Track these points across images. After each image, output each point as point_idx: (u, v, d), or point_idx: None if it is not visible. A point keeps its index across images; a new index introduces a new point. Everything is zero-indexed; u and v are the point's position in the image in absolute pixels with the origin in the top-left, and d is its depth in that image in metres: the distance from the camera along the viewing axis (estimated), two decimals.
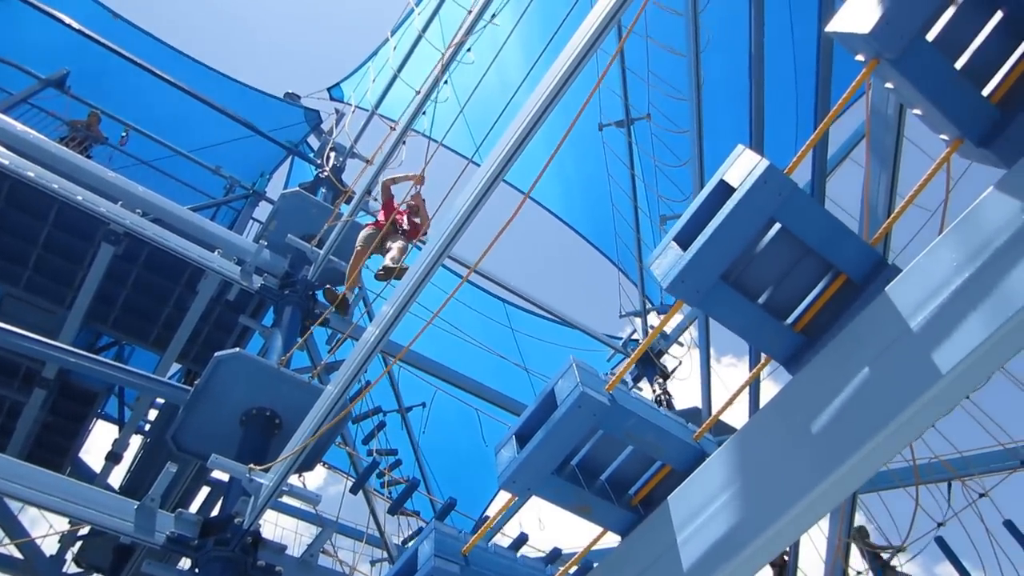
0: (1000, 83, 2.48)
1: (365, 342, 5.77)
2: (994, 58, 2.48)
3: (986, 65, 2.48)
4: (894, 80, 2.44)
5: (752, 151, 2.55)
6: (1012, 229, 2.10)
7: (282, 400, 7.33)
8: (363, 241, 8.55)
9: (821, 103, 6.21)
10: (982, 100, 2.45)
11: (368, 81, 13.66)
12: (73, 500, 5.83)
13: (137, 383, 7.78)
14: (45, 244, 9.12)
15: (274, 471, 6.02)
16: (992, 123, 2.45)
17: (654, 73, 12.24)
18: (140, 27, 13.60)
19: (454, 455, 13.79)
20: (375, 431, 9.81)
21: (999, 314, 1.98)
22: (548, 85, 4.84)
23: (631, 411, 2.75)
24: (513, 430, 2.93)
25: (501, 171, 5.05)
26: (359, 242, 8.57)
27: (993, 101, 2.47)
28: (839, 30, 2.46)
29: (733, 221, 2.46)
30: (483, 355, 13.14)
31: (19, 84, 11.20)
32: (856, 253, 2.61)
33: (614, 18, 4.82)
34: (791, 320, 2.72)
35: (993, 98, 2.47)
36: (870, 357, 2.22)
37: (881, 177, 5.53)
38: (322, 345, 10.40)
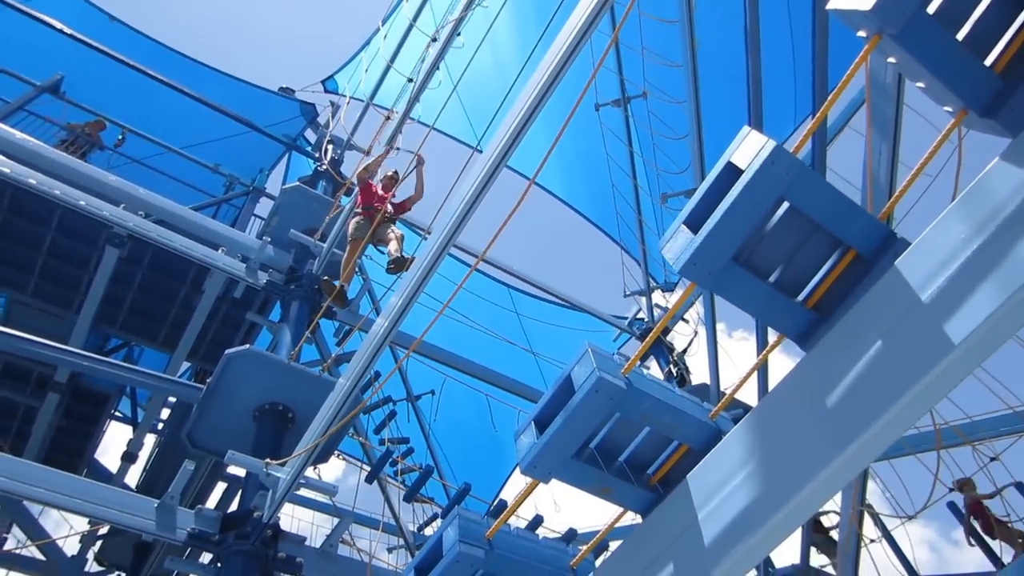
0: (1002, 53, 2.49)
1: (375, 334, 5.81)
2: (995, 28, 2.49)
3: (987, 35, 2.49)
4: (896, 55, 2.46)
5: (758, 133, 2.56)
6: (1019, 198, 2.12)
7: (294, 394, 7.38)
8: (355, 232, 8.48)
9: (819, 72, 6.19)
10: (985, 70, 2.46)
11: (361, 71, 13.63)
12: (93, 501, 5.90)
13: (149, 383, 7.86)
14: (50, 250, 9.16)
15: (290, 465, 6.08)
16: (996, 93, 2.47)
17: (649, 48, 12.16)
18: (136, 28, 13.55)
19: (465, 440, 13.89)
20: (386, 420, 9.87)
21: (1009, 284, 2.01)
22: (545, 70, 4.84)
23: (647, 393, 2.79)
24: (532, 416, 2.98)
25: (503, 159, 5.06)
26: (350, 234, 8.51)
27: (996, 71, 2.48)
28: (840, 7, 2.47)
29: (742, 202, 2.49)
30: (490, 340, 13.19)
31: (14, 91, 11.17)
32: (865, 228, 2.64)
33: (607, 2, 4.82)
34: (802, 297, 2.75)
35: (996, 68, 2.48)
36: (883, 331, 2.25)
37: (882, 147, 5.52)
38: (330, 338, 10.44)
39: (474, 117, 13.19)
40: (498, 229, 4.97)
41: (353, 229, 8.49)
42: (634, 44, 12.40)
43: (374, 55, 13.16)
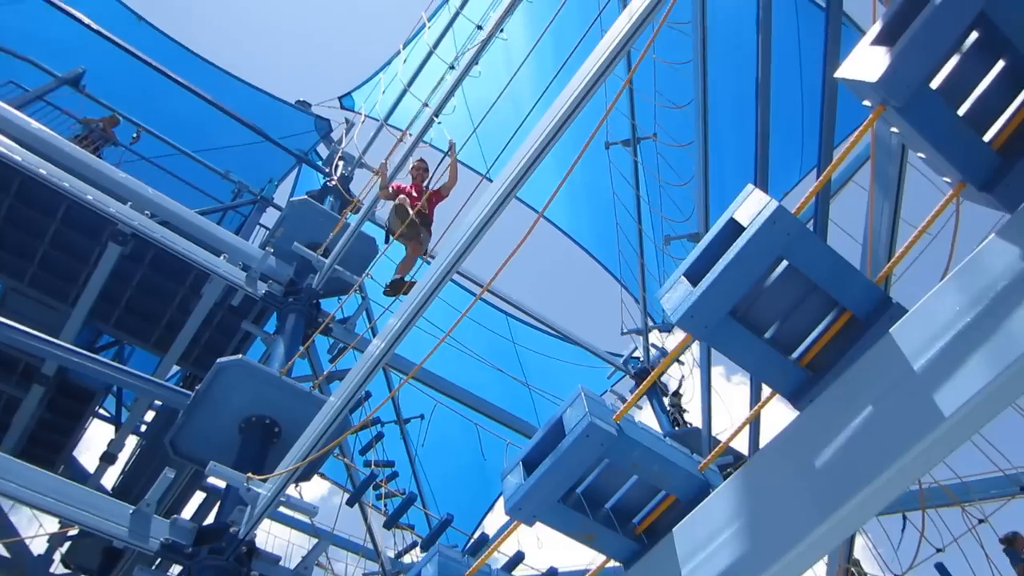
0: (1001, 130, 2.54)
1: (370, 355, 5.80)
2: (995, 106, 2.54)
3: (988, 112, 2.54)
4: (899, 126, 2.50)
5: (761, 192, 2.60)
6: (1014, 274, 2.15)
7: (282, 409, 7.34)
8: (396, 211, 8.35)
9: (826, 130, 6.27)
10: (984, 146, 2.50)
11: (379, 91, 13.77)
12: (68, 502, 5.81)
13: (137, 385, 7.79)
14: (52, 241, 9.17)
15: (272, 481, 6.03)
16: (994, 169, 2.51)
17: (660, 91, 12.33)
18: (162, 30, 13.74)
19: (451, 468, 13.78)
20: (373, 442, 9.81)
21: (1003, 358, 2.03)
22: (558, 110, 4.91)
23: (637, 441, 2.79)
24: (520, 456, 2.97)
25: (512, 191, 5.12)
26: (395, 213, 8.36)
27: (995, 147, 2.52)
28: (847, 76, 2.52)
29: (742, 259, 2.51)
30: (483, 367, 13.16)
31: (35, 80, 11.28)
32: (861, 291, 2.66)
33: (624, 48, 4.92)
34: (796, 355, 2.77)
35: (995, 144, 2.53)
36: (875, 396, 2.26)
37: (884, 206, 5.57)
38: (324, 354, 10.42)
39: (486, 145, 13.33)
40: (504, 261, 5.00)
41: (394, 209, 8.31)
42: (647, 85, 12.59)
43: (393, 77, 13.32)
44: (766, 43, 7.35)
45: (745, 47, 8.52)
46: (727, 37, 10.09)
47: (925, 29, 2.35)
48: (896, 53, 2.38)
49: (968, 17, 2.35)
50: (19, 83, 11.11)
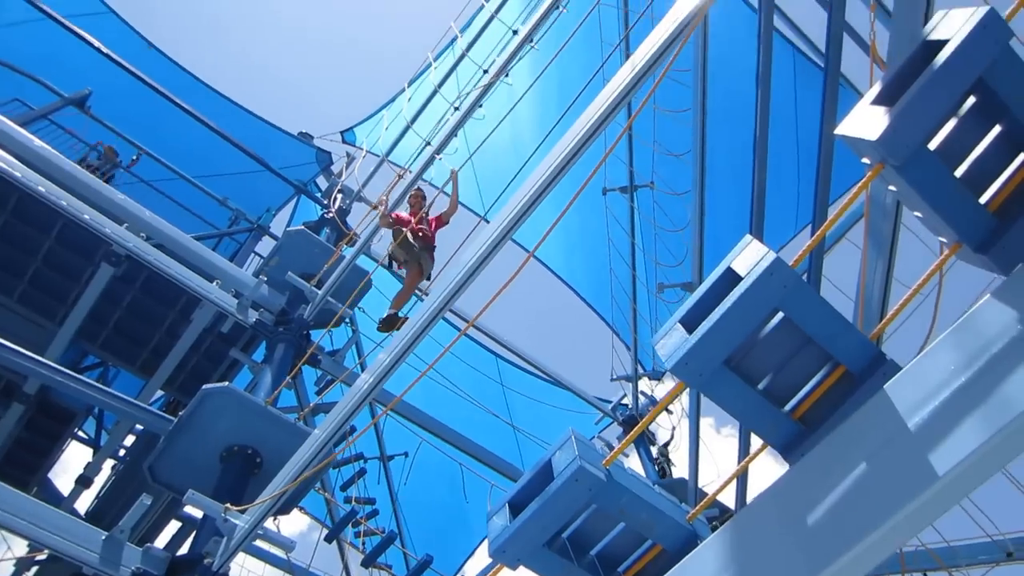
0: (997, 192, 2.57)
1: (357, 390, 5.75)
2: (992, 168, 2.58)
3: (984, 175, 2.57)
4: (897, 184, 2.53)
5: (759, 242, 2.62)
6: (1009, 336, 2.16)
7: (266, 439, 7.25)
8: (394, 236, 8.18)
9: (822, 185, 6.37)
10: (980, 208, 2.53)
11: (381, 128, 13.93)
12: (40, 524, 5.68)
13: (120, 408, 7.68)
14: (45, 258, 9.12)
15: (251, 513, 5.91)
16: (989, 230, 2.54)
17: (659, 141, 12.50)
18: (171, 58, 13.91)
19: (432, 508, 13.57)
20: (355, 478, 9.66)
21: (997, 420, 2.02)
22: (557, 156, 4.99)
23: (626, 488, 2.75)
24: (507, 498, 2.92)
25: (507, 233, 5.15)
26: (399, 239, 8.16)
27: (990, 209, 2.55)
28: (847, 134, 2.56)
29: (738, 309, 2.52)
30: (470, 407, 13.06)
31: (42, 100, 11.37)
32: (856, 346, 2.66)
33: (625, 98, 5.00)
34: (789, 408, 2.75)
35: (991, 206, 2.56)
36: (867, 453, 2.25)
37: (878, 264, 5.62)
38: (311, 386, 10.32)
39: (485, 186, 13.44)
40: (491, 298, 5.00)
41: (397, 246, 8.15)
42: (645, 132, 12.77)
43: (397, 114, 13.48)
44: (765, 99, 7.50)
45: (743, 97, 8.69)
46: (726, 87, 10.29)
47: (925, 91, 2.39)
48: (896, 113, 2.43)
49: (967, 82, 2.40)
50: (25, 101, 11.19)
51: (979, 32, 2.35)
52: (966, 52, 2.35)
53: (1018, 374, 2.01)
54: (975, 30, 2.36)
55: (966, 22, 2.40)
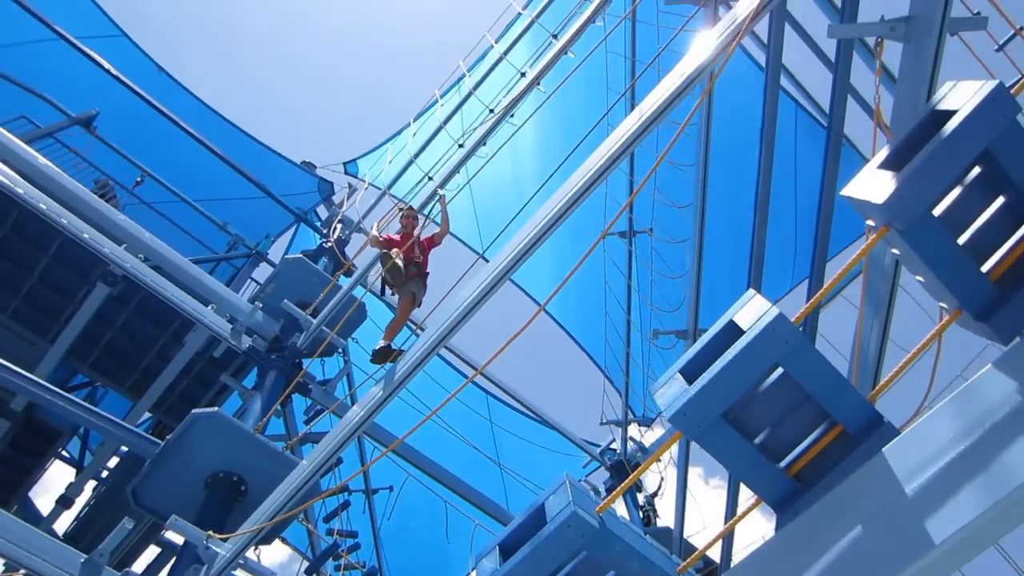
0: (999, 262, 2.61)
1: (348, 422, 5.73)
2: (994, 238, 2.62)
3: (986, 244, 2.62)
4: (900, 248, 2.58)
5: (762, 297, 2.65)
6: (1009, 407, 2.17)
7: (252, 467, 7.18)
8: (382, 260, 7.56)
9: (820, 248, 6.44)
10: (982, 276, 2.57)
11: (384, 161, 14.05)
12: (18, 543, 5.60)
13: (107, 429, 7.59)
14: (41, 275, 9.09)
15: (233, 541, 5.83)
16: (990, 299, 2.57)
17: (659, 189, 12.63)
18: (179, 82, 14.06)
19: (415, 544, 13.36)
20: (339, 510, 9.53)
21: (995, 490, 2.03)
22: (558, 202, 5.06)
23: (619, 536, 2.73)
24: (497, 540, 2.90)
25: (504, 275, 5.20)
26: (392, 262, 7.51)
27: (992, 278, 2.59)
28: (853, 196, 2.61)
29: (740, 363, 2.53)
30: (457, 442, 12.95)
31: (49, 118, 11.45)
32: (854, 406, 2.67)
33: (628, 149, 5.09)
34: (785, 464, 2.75)
35: (992, 275, 2.60)
36: (863, 518, 2.24)
37: (874, 324, 5.65)
38: (300, 415, 10.23)
39: (484, 221, 13.51)
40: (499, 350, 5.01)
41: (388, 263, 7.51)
42: (647, 184, 12.89)
43: (401, 148, 13.61)
44: (768, 155, 7.62)
45: (744, 149, 8.81)
46: (728, 138, 10.45)
47: (932, 159, 2.45)
48: (903, 178, 2.48)
49: (973, 153, 2.45)
50: (32, 119, 11.27)
51: (987, 105, 2.41)
52: (974, 124, 2.41)
53: (1018, 445, 2.02)
54: (983, 103, 2.42)
55: (975, 94, 2.46)
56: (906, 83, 4.66)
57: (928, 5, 4.35)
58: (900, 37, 4.62)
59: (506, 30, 12.65)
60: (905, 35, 4.57)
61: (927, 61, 4.45)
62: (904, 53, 4.67)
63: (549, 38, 10.90)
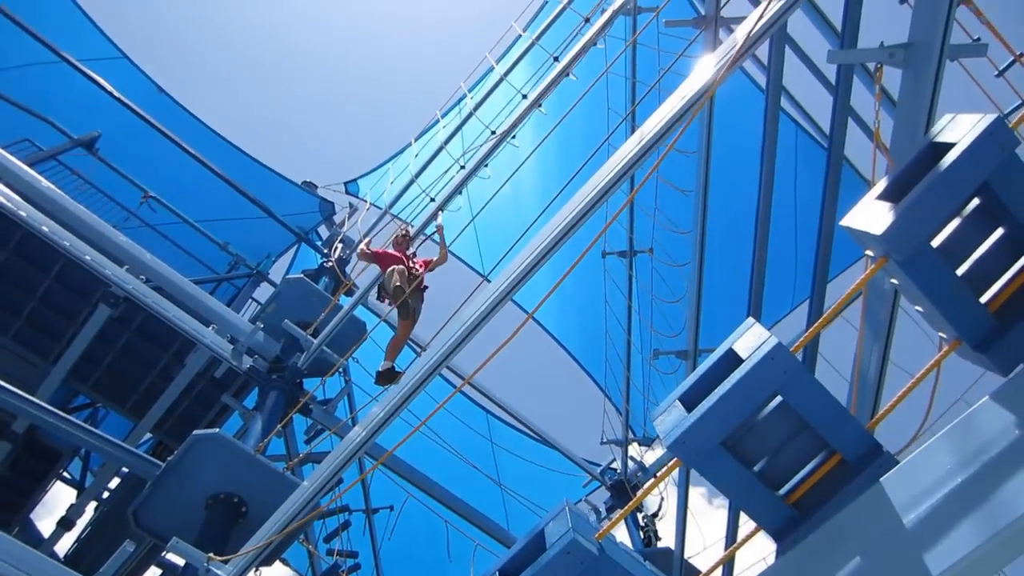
0: (997, 293, 2.63)
1: (349, 443, 5.74)
2: (993, 270, 2.65)
3: (985, 275, 2.64)
4: (899, 278, 2.60)
5: (761, 326, 2.67)
6: (1008, 440, 2.19)
7: (253, 488, 7.16)
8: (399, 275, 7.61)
9: (820, 272, 6.48)
10: (980, 307, 2.59)
11: (386, 181, 14.12)
12: (20, 567, 5.57)
13: (108, 450, 7.57)
14: (43, 297, 9.13)
15: (234, 564, 5.82)
16: (989, 330, 2.59)
17: (661, 211, 12.69)
18: (180, 103, 14.18)
19: (415, 564, 13.29)
20: (339, 530, 9.51)
21: (993, 523, 2.04)
22: (559, 223, 5.12)
23: (618, 563, 2.74)
24: (497, 566, 2.91)
25: (506, 296, 5.24)
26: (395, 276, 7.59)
27: (991, 310, 2.61)
28: (852, 226, 2.64)
29: (738, 391, 2.55)
30: (458, 462, 12.92)
31: (51, 141, 11.53)
32: (853, 435, 2.69)
33: (628, 172, 5.15)
34: (783, 492, 2.76)
35: (991, 307, 2.62)
36: (861, 549, 2.26)
37: (874, 349, 5.67)
38: (301, 435, 10.23)
39: (484, 241, 13.56)
40: (487, 359, 5.04)
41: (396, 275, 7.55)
42: (647, 199, 12.96)
43: (404, 168, 13.69)
44: (769, 178, 7.67)
45: (745, 170, 8.86)
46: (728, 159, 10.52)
47: (931, 191, 2.47)
48: (902, 210, 2.51)
49: (972, 185, 2.48)
50: (34, 142, 11.35)
51: (986, 138, 2.44)
52: (972, 157, 2.44)
53: (1016, 478, 2.04)
54: (982, 136, 2.45)
55: (973, 127, 2.50)
56: (905, 109, 4.69)
57: (928, 32, 4.39)
58: (899, 63, 4.66)
59: (507, 51, 12.77)
60: (904, 61, 4.61)
61: (927, 87, 4.49)
62: (904, 79, 4.71)
63: (550, 59, 11.01)
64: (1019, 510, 1.96)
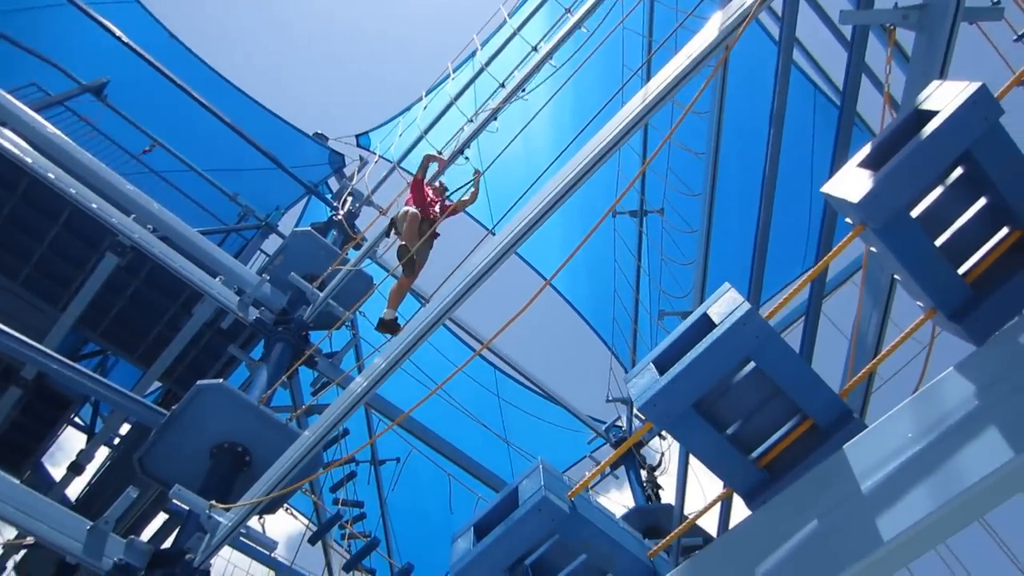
0: (975, 265, 2.61)
1: (351, 393, 5.81)
2: (973, 240, 2.62)
3: (965, 246, 2.61)
4: (876, 246, 2.58)
5: (735, 292, 2.67)
6: (966, 410, 2.20)
7: (256, 438, 7.32)
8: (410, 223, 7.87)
9: (825, 234, 6.41)
10: (957, 278, 2.57)
11: (395, 135, 14.03)
12: (26, 511, 5.72)
13: (115, 399, 7.74)
14: (51, 244, 9.23)
15: (235, 511, 5.97)
16: (965, 301, 2.57)
17: (672, 171, 12.54)
18: (191, 49, 14.04)
19: (421, 517, 13.58)
20: (344, 480, 9.70)
21: (944, 491, 2.06)
22: (567, 175, 5.06)
23: (589, 520, 2.80)
24: (472, 521, 2.98)
25: (512, 247, 5.23)
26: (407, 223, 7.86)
27: (968, 280, 2.59)
28: (832, 193, 2.61)
29: (710, 355, 2.57)
30: (463, 417, 13.08)
31: (59, 86, 11.50)
32: (825, 401, 2.70)
33: (641, 121, 5.07)
34: (755, 455, 2.80)
35: (968, 277, 2.60)
36: (820, 512, 2.29)
37: (873, 312, 5.63)
38: (307, 386, 10.38)
39: (493, 197, 13.50)
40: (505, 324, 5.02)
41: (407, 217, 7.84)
42: (659, 159, 12.80)
43: (412, 122, 13.58)
44: (777, 137, 7.53)
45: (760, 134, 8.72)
46: (743, 122, 10.34)
47: (910, 159, 2.44)
48: (879, 178, 2.47)
49: (953, 154, 2.44)
50: (42, 86, 11.32)
51: (969, 107, 2.39)
52: (954, 126, 2.39)
53: (969, 448, 2.05)
54: (965, 105, 2.40)
55: (957, 95, 2.44)
56: (918, 71, 4.57)
57: None
58: (913, 25, 4.54)
59: (521, 4, 12.53)
60: (919, 23, 4.48)
61: (939, 49, 4.37)
62: (917, 41, 4.58)
63: (564, 13, 10.79)
64: (971, 479, 1.98)
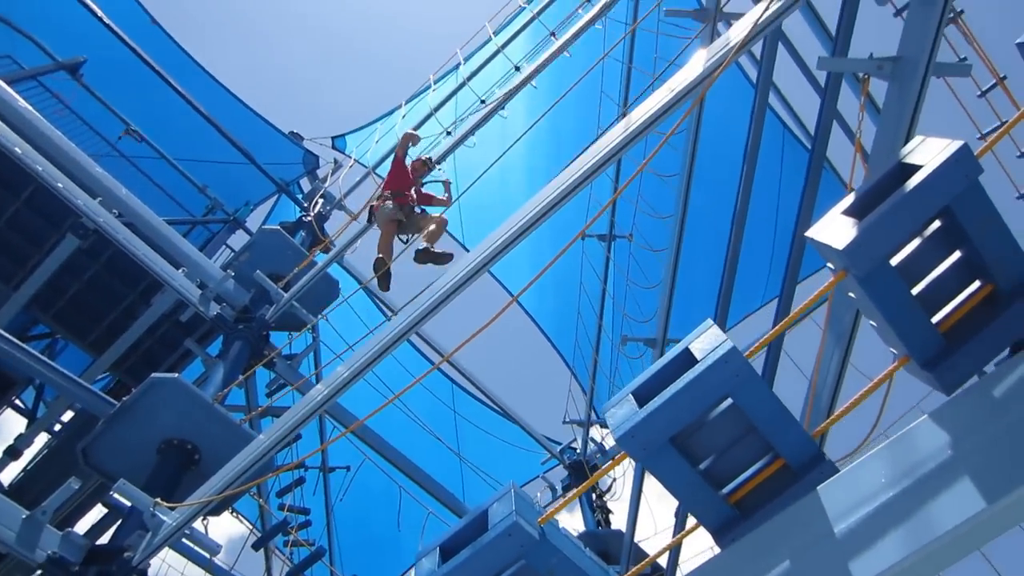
0: (949, 315, 2.69)
1: (311, 400, 5.72)
2: (947, 291, 2.70)
3: (939, 296, 2.69)
4: (856, 293, 2.64)
5: (719, 329, 2.70)
6: (939, 459, 2.25)
7: (208, 437, 7.13)
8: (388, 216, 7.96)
9: (790, 276, 6.53)
10: (932, 328, 2.64)
11: (372, 140, 13.96)
12: None
13: (62, 384, 7.47)
14: (10, 220, 8.92)
15: (181, 511, 5.80)
16: (937, 350, 2.64)
17: (643, 196, 12.68)
18: (172, 36, 13.80)
19: (367, 527, 13.37)
20: (292, 486, 9.52)
21: (917, 538, 2.10)
22: (541, 201, 5.12)
23: (558, 548, 2.78)
24: (438, 541, 2.93)
25: (483, 267, 5.24)
26: (385, 218, 7.98)
27: (941, 330, 2.66)
28: (815, 238, 2.67)
29: (690, 391, 2.58)
30: (417, 428, 12.96)
31: (34, 61, 11.20)
32: (797, 442, 2.74)
33: (621, 151, 5.15)
34: (726, 491, 2.81)
35: (941, 327, 2.67)
36: (792, 552, 2.31)
37: (834, 352, 5.75)
38: (262, 388, 10.17)
39: (466, 211, 13.49)
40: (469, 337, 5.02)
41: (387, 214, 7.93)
42: (630, 187, 12.93)
43: (390, 129, 13.53)
44: (750, 174, 7.69)
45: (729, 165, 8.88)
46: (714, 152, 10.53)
47: (894, 211, 2.51)
48: (864, 226, 2.54)
49: (934, 209, 2.52)
50: (17, 59, 11.02)
51: (951, 165, 2.48)
52: (937, 181, 2.48)
53: (942, 497, 2.09)
54: (948, 162, 2.49)
55: (940, 152, 2.53)
56: (889, 120, 4.75)
57: (916, 47, 4.45)
58: (887, 76, 4.72)
59: (507, 23, 12.61)
60: (892, 74, 4.67)
61: (910, 100, 4.56)
62: (889, 91, 4.78)
63: (548, 35, 10.89)
64: (942, 527, 2.02)
